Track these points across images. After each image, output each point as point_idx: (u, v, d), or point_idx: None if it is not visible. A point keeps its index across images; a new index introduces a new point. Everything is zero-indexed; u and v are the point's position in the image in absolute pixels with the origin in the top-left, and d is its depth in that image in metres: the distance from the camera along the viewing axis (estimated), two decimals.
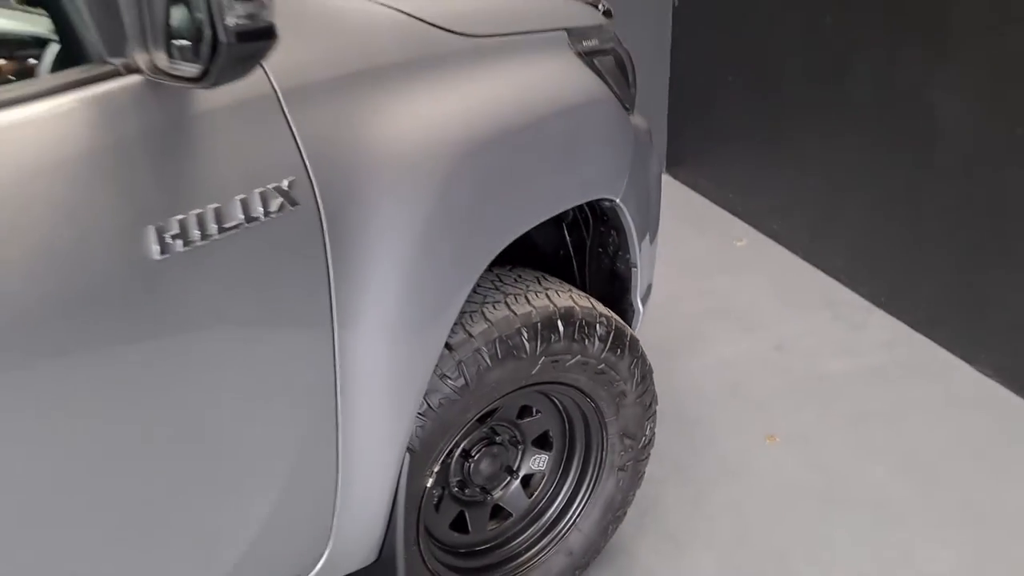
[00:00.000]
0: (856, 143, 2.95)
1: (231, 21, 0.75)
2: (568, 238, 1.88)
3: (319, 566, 1.30)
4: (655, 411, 1.80)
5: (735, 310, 2.94)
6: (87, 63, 0.92)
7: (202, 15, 0.76)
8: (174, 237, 0.94)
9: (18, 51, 1.01)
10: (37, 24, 0.97)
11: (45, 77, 0.94)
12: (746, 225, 3.56)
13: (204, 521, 1.12)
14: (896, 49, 2.72)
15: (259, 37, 0.79)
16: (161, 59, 0.87)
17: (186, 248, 0.95)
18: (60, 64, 0.95)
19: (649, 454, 1.83)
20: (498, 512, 1.77)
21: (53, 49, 0.96)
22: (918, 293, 2.79)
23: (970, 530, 2.00)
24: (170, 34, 0.85)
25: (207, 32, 0.77)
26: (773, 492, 2.14)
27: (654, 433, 1.82)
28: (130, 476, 1.01)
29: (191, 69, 0.82)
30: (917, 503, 2.09)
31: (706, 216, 3.65)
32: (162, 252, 0.93)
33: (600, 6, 1.79)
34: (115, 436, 0.98)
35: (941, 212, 2.66)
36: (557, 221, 1.81)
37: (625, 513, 1.86)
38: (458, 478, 1.66)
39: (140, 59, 0.88)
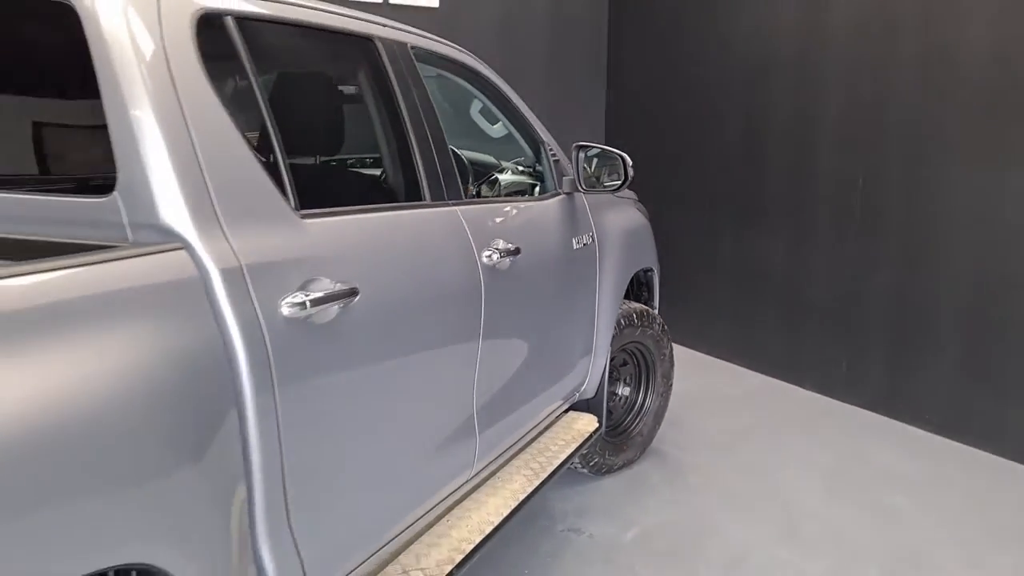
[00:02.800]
0: (728, 301, 5.39)
1: (631, 172, 2.94)
2: None
3: (580, 390, 3.28)
4: (674, 367, 3.93)
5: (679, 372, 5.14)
6: (551, 191, 3.06)
7: (621, 173, 2.95)
8: (576, 243, 3.05)
9: (526, 189, 3.10)
10: (532, 178, 3.08)
11: (539, 196, 3.03)
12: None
13: (565, 356, 3.10)
14: (749, 235, 5.24)
15: (632, 179, 2.98)
16: (583, 185, 3.03)
17: (576, 249, 3.06)
18: (541, 191, 3.07)
19: (671, 391, 3.93)
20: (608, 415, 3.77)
21: (538, 187, 3.07)
22: (765, 358, 5.13)
23: (815, 442, 4.19)
24: (587, 179, 3.04)
25: (623, 175, 2.95)
26: (718, 433, 4.24)
27: (673, 379, 3.93)
28: (558, 333, 3.00)
29: (612, 186, 2.99)
30: (780, 439, 4.26)
31: None
32: (575, 248, 3.03)
33: (636, 200, 4.10)
34: (560, 312, 2.98)
35: (768, 322, 5.07)
36: None
37: (661, 421, 3.91)
38: None
39: (579, 186, 3.02)
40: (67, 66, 1.65)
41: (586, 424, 3.27)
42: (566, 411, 3.35)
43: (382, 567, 2.07)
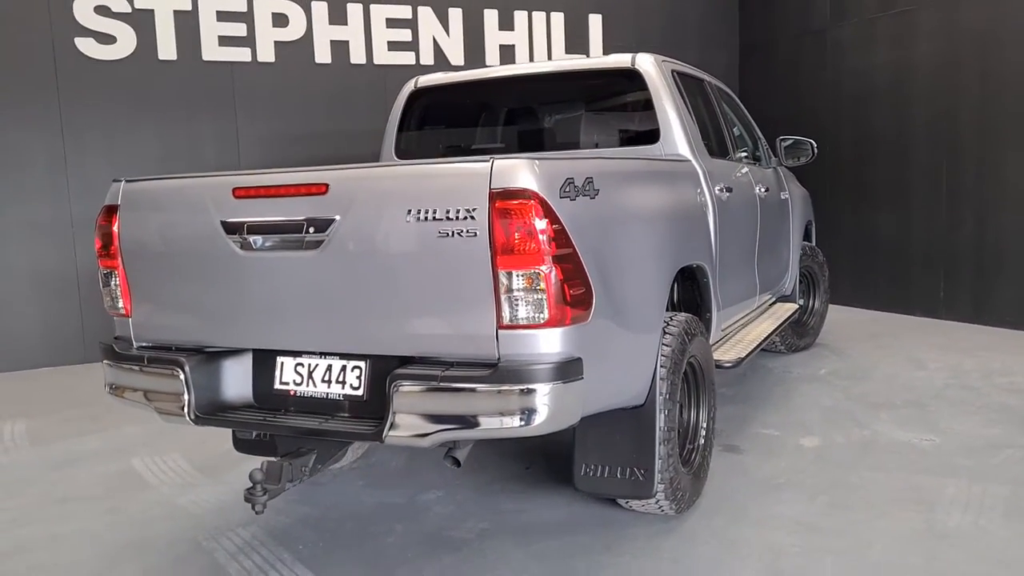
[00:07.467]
0: (847, 258, 7.45)
1: (816, 152, 5.10)
2: None
3: (783, 288, 5.39)
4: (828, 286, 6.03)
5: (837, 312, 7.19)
6: (764, 164, 5.22)
7: (808, 152, 5.11)
8: (782, 196, 5.19)
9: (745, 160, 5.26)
10: (752, 158, 5.24)
11: (757, 165, 5.17)
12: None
13: (781, 262, 5.21)
14: (863, 211, 7.32)
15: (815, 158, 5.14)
16: (779, 162, 5.19)
17: (782, 199, 5.20)
18: (757, 163, 5.22)
19: (828, 302, 6.01)
20: None
21: (753, 160, 5.22)
22: (880, 298, 7.15)
23: (927, 335, 6.19)
24: (785, 156, 5.21)
25: (812, 153, 5.11)
26: (859, 336, 6.29)
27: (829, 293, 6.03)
28: (779, 247, 5.12)
29: (797, 161, 5.15)
30: (901, 337, 6.28)
31: None
32: (782, 198, 5.18)
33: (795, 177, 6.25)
34: (779, 234, 5.11)
35: (880, 272, 7.12)
36: None
37: (824, 321, 5.99)
38: None
39: (782, 162, 5.18)
40: (635, 95, 3.90)
41: (790, 307, 5.37)
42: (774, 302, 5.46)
43: (733, 335, 4.21)
